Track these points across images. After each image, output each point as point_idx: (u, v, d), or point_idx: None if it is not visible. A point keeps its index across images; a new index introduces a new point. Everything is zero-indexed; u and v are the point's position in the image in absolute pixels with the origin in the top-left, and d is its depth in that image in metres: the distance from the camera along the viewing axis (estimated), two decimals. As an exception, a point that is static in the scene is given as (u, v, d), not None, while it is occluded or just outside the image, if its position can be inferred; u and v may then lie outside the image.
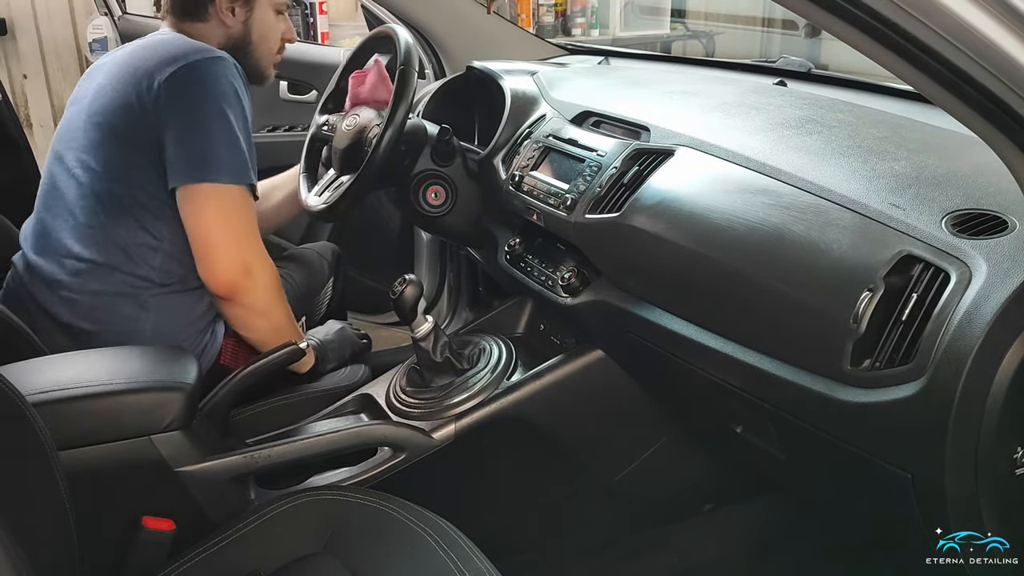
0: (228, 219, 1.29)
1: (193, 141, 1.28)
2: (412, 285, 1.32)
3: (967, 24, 0.66)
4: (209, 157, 1.28)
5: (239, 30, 1.43)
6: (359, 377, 1.54)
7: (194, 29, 1.41)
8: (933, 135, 1.16)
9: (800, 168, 1.08)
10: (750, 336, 1.05)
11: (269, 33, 1.47)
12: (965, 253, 0.86)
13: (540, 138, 1.48)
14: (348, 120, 1.57)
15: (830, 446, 0.98)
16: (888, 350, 0.87)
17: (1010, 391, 0.81)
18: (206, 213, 1.29)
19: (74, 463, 1.01)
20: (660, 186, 1.20)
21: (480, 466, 1.38)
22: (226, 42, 1.42)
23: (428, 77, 2.04)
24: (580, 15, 4.10)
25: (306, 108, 2.10)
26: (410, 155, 1.53)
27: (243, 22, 1.43)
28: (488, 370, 1.39)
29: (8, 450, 0.87)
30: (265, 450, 1.22)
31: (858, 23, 0.69)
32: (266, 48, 1.47)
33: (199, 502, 1.15)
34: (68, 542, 0.89)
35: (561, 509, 1.48)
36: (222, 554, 1.04)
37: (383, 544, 1.04)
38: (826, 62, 2.68)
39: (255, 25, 1.44)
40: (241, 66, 1.37)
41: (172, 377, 1.13)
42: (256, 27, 1.45)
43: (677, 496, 1.53)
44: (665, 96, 1.53)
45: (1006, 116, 0.70)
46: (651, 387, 1.39)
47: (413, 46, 1.49)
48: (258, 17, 1.44)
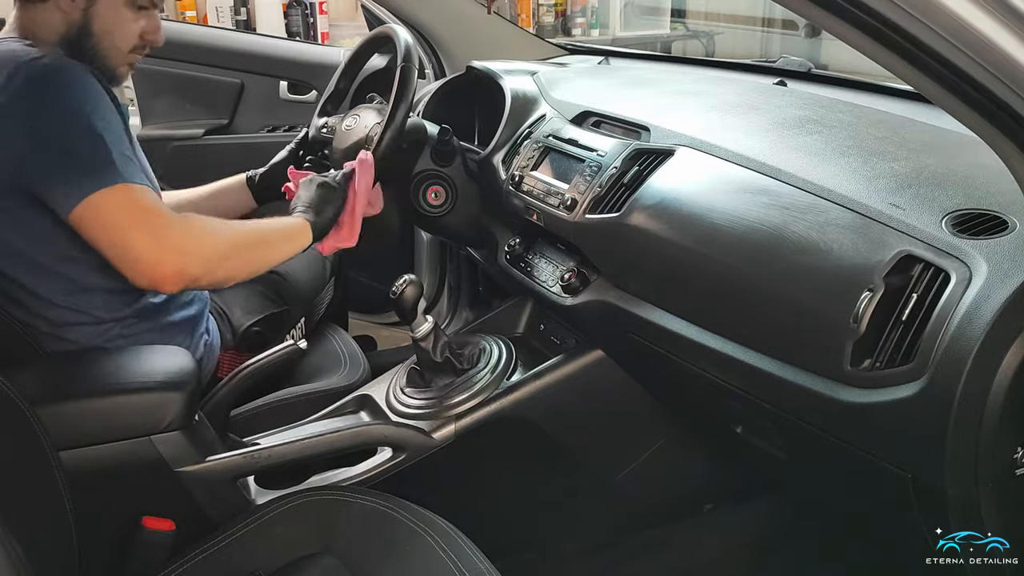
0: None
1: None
2: (412, 285, 1.31)
3: (967, 24, 0.66)
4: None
5: (78, 18, 1.25)
6: (359, 377, 1.54)
7: (31, 13, 1.25)
8: (933, 135, 1.16)
9: (800, 168, 1.08)
10: (750, 336, 1.05)
11: (117, 28, 1.27)
12: (965, 253, 0.86)
13: (540, 138, 1.48)
14: (348, 121, 1.57)
15: (830, 446, 0.98)
16: (888, 350, 0.87)
17: (1010, 391, 0.81)
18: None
19: (74, 463, 1.01)
20: (660, 186, 1.20)
21: (480, 466, 1.38)
22: (66, 29, 1.25)
23: (428, 77, 2.05)
24: (580, 15, 4.10)
25: (306, 108, 2.09)
26: (410, 155, 1.53)
27: (83, 9, 1.25)
28: (488, 370, 1.39)
29: (8, 450, 0.87)
30: (265, 450, 1.22)
31: (858, 23, 0.69)
32: (111, 44, 1.28)
33: (199, 502, 1.15)
34: (68, 542, 0.89)
35: (561, 509, 1.48)
36: (222, 554, 1.04)
37: (383, 544, 1.04)
38: (826, 62, 2.68)
39: (97, 16, 1.26)
40: (82, 53, 1.24)
41: (172, 377, 1.13)
42: (99, 19, 1.26)
43: (677, 496, 1.53)
44: (665, 96, 1.53)
45: (1006, 116, 0.70)
46: (651, 387, 1.39)
47: (413, 46, 1.49)
48: (103, 8, 1.26)
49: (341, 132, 1.57)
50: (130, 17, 1.28)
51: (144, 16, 1.29)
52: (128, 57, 1.31)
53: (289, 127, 2.25)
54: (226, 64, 2.23)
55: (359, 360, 1.60)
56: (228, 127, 2.25)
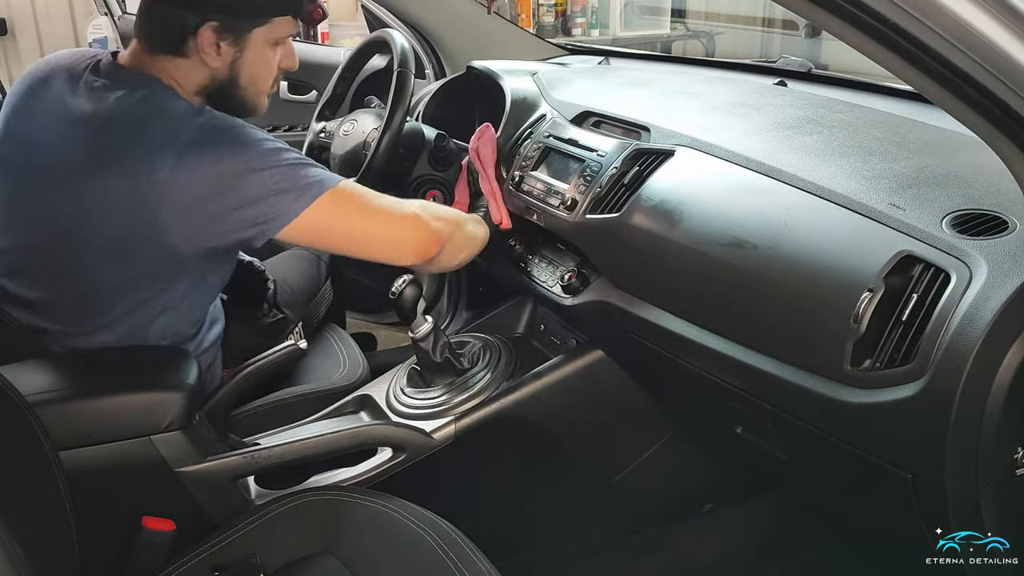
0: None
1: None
2: (412, 285, 1.31)
3: (967, 24, 0.66)
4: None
5: (224, 72, 1.19)
6: (359, 377, 1.54)
7: (171, 64, 1.17)
8: (933, 135, 1.16)
9: (800, 168, 1.08)
10: (750, 336, 1.05)
11: (261, 73, 1.23)
12: (965, 253, 0.86)
13: (540, 138, 1.48)
14: (346, 126, 1.57)
15: (830, 446, 0.98)
16: (888, 350, 0.87)
17: (1010, 391, 0.81)
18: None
19: (74, 463, 1.00)
20: (660, 186, 1.20)
21: (480, 466, 1.38)
22: (208, 82, 1.19)
23: (428, 77, 2.04)
24: (580, 15, 4.10)
25: (306, 108, 2.09)
26: (408, 159, 1.53)
27: (230, 63, 1.19)
28: (488, 370, 1.39)
29: (8, 450, 0.87)
30: (265, 450, 1.22)
31: (858, 23, 0.69)
32: (255, 89, 1.24)
33: (199, 502, 1.15)
34: (68, 542, 0.89)
35: (561, 509, 1.48)
36: (222, 554, 1.04)
37: (383, 544, 1.04)
38: (826, 62, 2.68)
39: (244, 67, 1.20)
40: (226, 103, 1.20)
41: (172, 377, 1.13)
42: (246, 69, 1.20)
43: (677, 496, 1.54)
44: (665, 96, 1.53)
45: (1006, 116, 0.70)
46: (651, 387, 1.39)
47: (410, 50, 1.49)
48: (250, 59, 1.20)
49: (339, 137, 1.57)
50: (271, 55, 1.23)
51: (282, 48, 1.25)
52: (271, 90, 1.28)
53: (289, 127, 2.25)
54: (226, 64, 2.23)
55: (359, 360, 1.60)
56: None
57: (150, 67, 1.18)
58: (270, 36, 1.21)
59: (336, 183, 1.16)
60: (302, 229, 1.14)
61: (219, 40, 1.17)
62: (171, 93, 1.16)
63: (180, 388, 1.12)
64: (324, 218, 1.15)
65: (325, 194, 1.14)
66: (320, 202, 1.13)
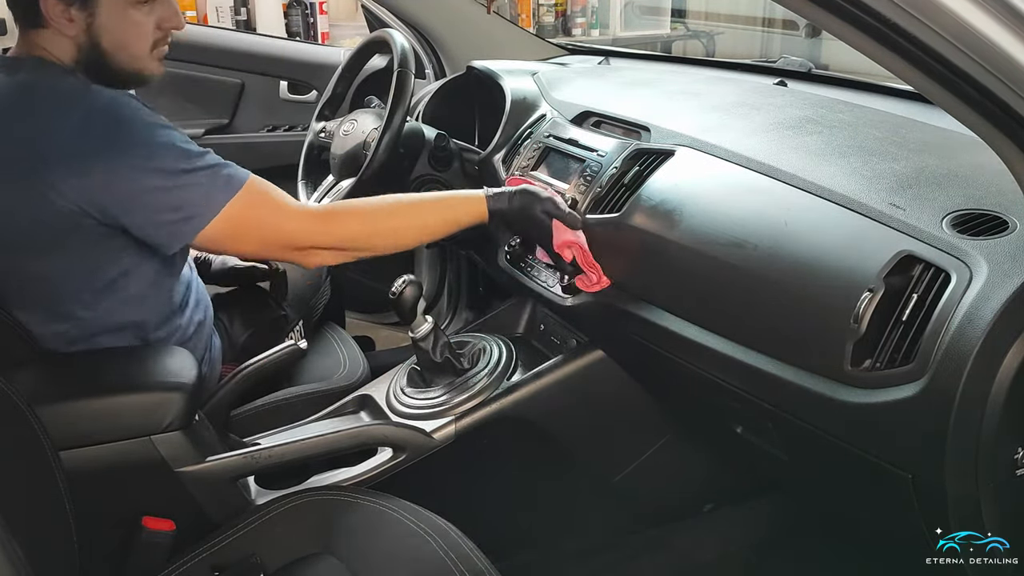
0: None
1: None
2: (412, 285, 1.31)
3: (967, 24, 0.66)
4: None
5: (84, 39, 1.14)
6: (358, 377, 1.54)
7: (39, 38, 1.14)
8: (933, 135, 1.16)
9: (800, 168, 1.08)
10: (750, 336, 1.04)
11: (129, 36, 1.16)
12: (965, 253, 0.86)
13: (540, 138, 1.48)
14: (346, 126, 1.57)
15: (830, 446, 0.98)
16: (889, 350, 0.87)
17: (1011, 392, 0.81)
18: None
19: (74, 463, 1.01)
20: (660, 186, 1.20)
21: (480, 466, 1.38)
22: (76, 52, 1.15)
23: (428, 77, 2.04)
24: (580, 15, 4.10)
25: (306, 108, 2.10)
26: (408, 159, 1.53)
27: (85, 29, 1.13)
28: (488, 370, 1.38)
29: (8, 450, 0.87)
30: (265, 450, 1.22)
31: (858, 23, 0.69)
32: (128, 54, 1.17)
33: (199, 502, 1.15)
34: (68, 542, 0.89)
35: (561, 509, 1.48)
36: (222, 554, 1.04)
37: (383, 544, 1.04)
38: (826, 62, 2.68)
39: (105, 32, 1.14)
40: (103, 72, 1.16)
41: (172, 377, 1.13)
42: (107, 34, 1.14)
43: (677, 496, 1.53)
44: (665, 96, 1.53)
45: (1006, 116, 0.70)
46: (651, 387, 1.39)
47: (409, 51, 1.49)
48: (107, 22, 1.14)
49: (339, 137, 1.57)
50: (139, 16, 1.16)
51: (155, 6, 1.18)
52: (153, 54, 1.21)
53: (289, 127, 2.25)
54: (226, 64, 2.23)
55: (359, 360, 1.60)
56: (228, 127, 2.25)
57: (29, 47, 1.16)
58: None
59: (247, 177, 1.15)
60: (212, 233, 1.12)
61: (66, 5, 1.11)
62: (52, 67, 1.15)
63: (180, 388, 1.12)
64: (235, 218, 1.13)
65: (241, 191, 1.13)
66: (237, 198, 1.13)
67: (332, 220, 1.22)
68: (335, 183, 1.57)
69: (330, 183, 1.58)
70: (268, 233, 1.17)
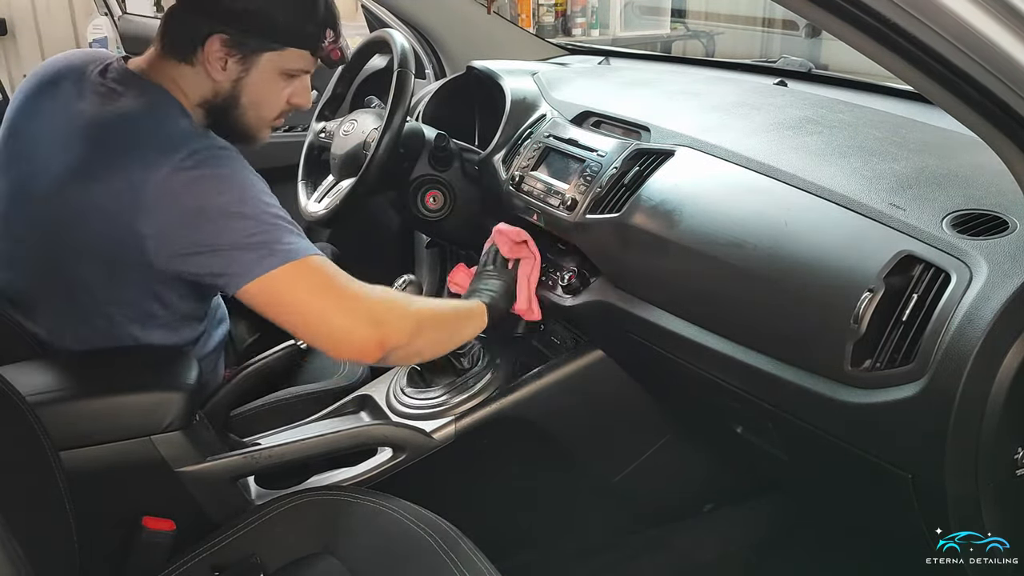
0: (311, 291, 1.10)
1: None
2: (412, 285, 1.32)
3: (967, 24, 0.66)
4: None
5: (227, 88, 1.18)
6: (359, 377, 1.54)
7: (176, 70, 1.16)
8: (933, 135, 1.16)
9: (800, 168, 1.08)
10: (750, 336, 1.05)
11: (265, 100, 1.21)
12: (965, 253, 0.86)
13: (540, 138, 1.48)
14: (346, 126, 1.57)
15: (830, 446, 0.98)
16: (889, 350, 0.87)
17: (1011, 392, 0.81)
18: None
19: (74, 463, 1.01)
20: (660, 186, 1.20)
21: (480, 466, 1.38)
22: (211, 96, 1.18)
23: (428, 77, 2.04)
24: (580, 15, 4.10)
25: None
26: (408, 159, 1.53)
27: (234, 80, 1.17)
28: (488, 370, 1.39)
29: (8, 450, 0.87)
30: (265, 450, 1.22)
31: (858, 23, 0.69)
32: (256, 115, 1.22)
33: (199, 502, 1.15)
34: (68, 542, 0.89)
35: (561, 509, 1.48)
36: (222, 554, 1.04)
37: (383, 544, 1.04)
38: (826, 62, 2.68)
39: (248, 88, 1.18)
40: (225, 122, 1.20)
41: (172, 377, 1.13)
42: (249, 91, 1.19)
43: (677, 496, 1.54)
44: (665, 96, 1.53)
45: (1006, 116, 0.70)
46: (651, 387, 1.39)
47: (409, 51, 1.49)
48: (254, 81, 1.18)
49: (339, 137, 1.57)
50: (281, 86, 1.21)
51: (296, 81, 1.23)
52: (275, 123, 1.25)
53: (289, 127, 2.25)
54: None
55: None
56: None
57: (158, 73, 1.17)
58: (281, 65, 1.19)
59: (306, 254, 1.09)
60: (253, 293, 1.07)
61: (227, 54, 1.15)
62: (176, 106, 1.15)
63: (180, 388, 1.12)
64: (278, 287, 1.07)
65: (291, 263, 1.07)
66: (284, 269, 1.07)
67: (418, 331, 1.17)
68: (335, 183, 1.57)
69: (330, 183, 1.59)
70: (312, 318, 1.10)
